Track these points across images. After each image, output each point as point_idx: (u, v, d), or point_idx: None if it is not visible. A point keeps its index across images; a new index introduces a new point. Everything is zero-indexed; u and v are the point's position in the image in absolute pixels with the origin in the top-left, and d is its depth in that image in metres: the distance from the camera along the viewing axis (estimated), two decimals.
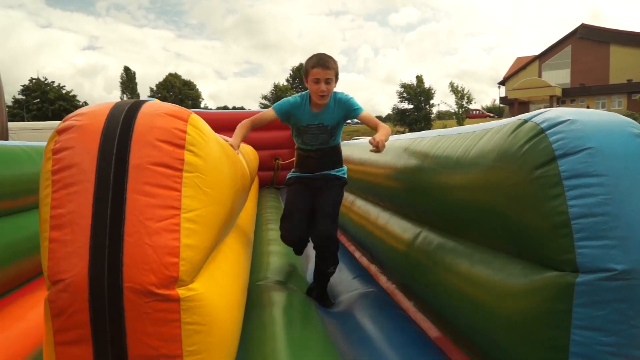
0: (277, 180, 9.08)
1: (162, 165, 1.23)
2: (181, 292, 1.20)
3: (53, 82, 38.76)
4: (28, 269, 2.88)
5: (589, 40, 48.06)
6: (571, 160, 1.39)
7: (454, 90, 37.28)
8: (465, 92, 37.44)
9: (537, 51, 54.11)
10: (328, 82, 2.61)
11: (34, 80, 37.21)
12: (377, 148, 2.32)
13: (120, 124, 1.25)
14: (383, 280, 3.11)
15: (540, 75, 49.78)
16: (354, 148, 4.24)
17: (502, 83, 53.34)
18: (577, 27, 49.13)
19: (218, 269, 1.58)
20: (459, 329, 1.99)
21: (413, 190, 2.49)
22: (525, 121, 1.59)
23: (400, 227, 2.73)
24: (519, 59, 54.99)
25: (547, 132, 1.47)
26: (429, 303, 2.28)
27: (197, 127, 1.35)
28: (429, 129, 38.39)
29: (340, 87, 2.83)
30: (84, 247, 1.14)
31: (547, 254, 1.45)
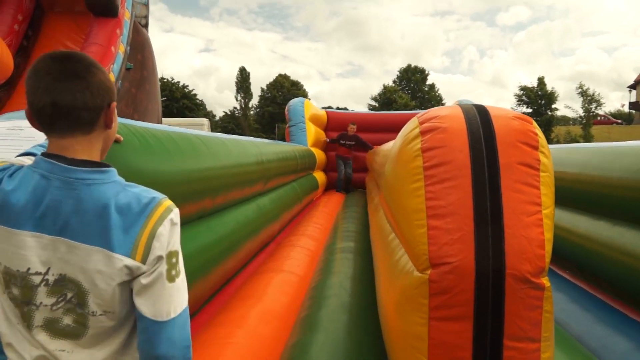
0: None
1: (524, 164, 1.35)
2: (545, 281, 1.31)
3: (179, 82, 42.39)
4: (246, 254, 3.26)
5: None
6: None
7: (583, 92, 33.81)
8: (595, 95, 33.66)
9: None
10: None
11: (164, 80, 40.93)
12: None
13: (481, 126, 1.39)
14: None
15: None
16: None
17: (632, 87, 48.51)
18: None
19: None
20: None
21: None
22: None
23: None
24: None
25: None
26: None
27: (539, 130, 1.45)
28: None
29: (444, 90, 2.91)
30: (469, 235, 1.29)
31: None
